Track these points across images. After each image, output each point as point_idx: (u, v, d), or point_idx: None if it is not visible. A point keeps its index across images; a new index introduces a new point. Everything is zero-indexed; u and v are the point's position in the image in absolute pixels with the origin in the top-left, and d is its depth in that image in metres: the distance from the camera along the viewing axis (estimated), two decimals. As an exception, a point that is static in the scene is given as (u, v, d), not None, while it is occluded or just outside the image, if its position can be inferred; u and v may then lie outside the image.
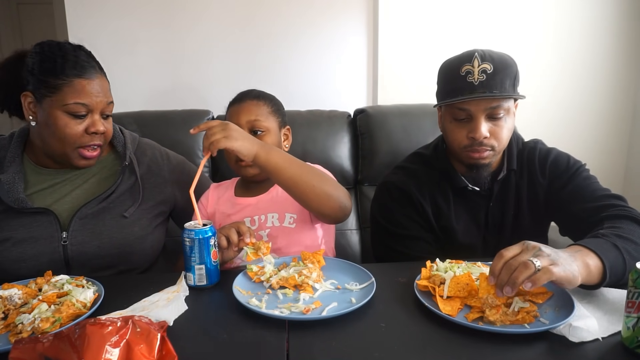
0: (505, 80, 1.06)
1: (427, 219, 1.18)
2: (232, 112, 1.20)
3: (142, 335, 0.65)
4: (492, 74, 1.04)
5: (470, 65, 1.06)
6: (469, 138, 1.08)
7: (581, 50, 2.23)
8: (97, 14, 2.01)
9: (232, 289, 0.89)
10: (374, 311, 0.83)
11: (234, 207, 1.23)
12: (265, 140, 1.16)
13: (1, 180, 1.08)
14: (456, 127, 1.11)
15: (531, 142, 1.23)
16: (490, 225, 1.19)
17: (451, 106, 1.10)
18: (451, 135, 1.12)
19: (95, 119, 1.08)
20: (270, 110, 1.21)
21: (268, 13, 2.09)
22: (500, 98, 1.05)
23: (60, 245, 1.09)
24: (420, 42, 2.14)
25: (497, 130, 1.08)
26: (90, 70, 1.08)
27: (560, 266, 0.74)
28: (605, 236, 0.88)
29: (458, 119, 1.10)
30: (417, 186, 1.19)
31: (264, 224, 1.18)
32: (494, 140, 1.08)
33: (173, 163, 1.29)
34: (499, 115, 1.07)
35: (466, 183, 1.16)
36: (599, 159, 2.26)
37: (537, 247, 0.77)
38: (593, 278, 0.80)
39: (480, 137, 1.06)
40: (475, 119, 1.07)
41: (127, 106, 1.76)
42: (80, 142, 1.07)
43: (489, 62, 1.05)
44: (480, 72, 1.05)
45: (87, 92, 1.06)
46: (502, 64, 1.06)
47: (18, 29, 4.13)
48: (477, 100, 1.05)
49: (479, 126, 1.06)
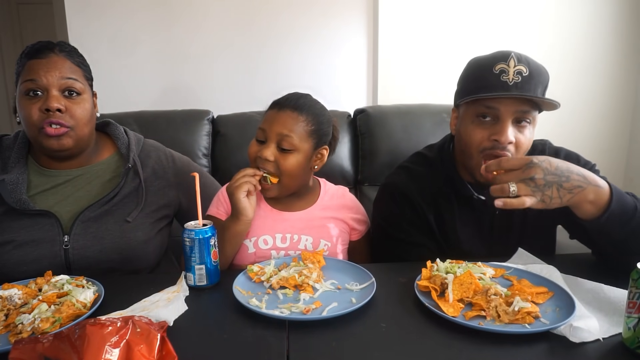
0: (539, 86, 1.01)
1: (428, 224, 1.14)
2: (268, 117, 1.10)
3: (142, 335, 0.65)
4: (527, 78, 0.99)
5: (506, 65, 1.00)
6: (491, 140, 1.01)
7: (581, 50, 2.23)
8: (97, 14, 2.01)
9: (232, 289, 0.89)
10: (374, 311, 0.83)
11: (265, 212, 1.17)
12: (289, 159, 1.06)
13: (5, 180, 1.07)
14: (478, 127, 1.03)
15: (539, 144, 1.18)
16: (496, 233, 1.15)
17: (477, 104, 1.02)
18: (471, 136, 1.04)
19: (49, 96, 1.05)
20: (310, 129, 1.08)
21: (268, 13, 2.10)
22: (531, 104, 1.00)
23: (61, 249, 1.08)
24: (420, 43, 2.14)
25: (521, 138, 1.02)
26: (45, 51, 1.07)
27: (537, 197, 0.84)
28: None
29: (482, 118, 1.02)
30: (419, 190, 1.14)
31: (296, 245, 1.14)
32: (515, 149, 1.02)
33: (178, 165, 1.28)
34: (527, 121, 1.02)
35: (472, 192, 1.11)
36: (599, 158, 2.24)
37: (537, 170, 0.84)
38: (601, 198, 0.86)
39: (506, 142, 0.99)
40: (503, 120, 1.00)
41: (127, 106, 1.76)
42: (39, 122, 1.05)
43: (525, 65, 1.00)
44: (515, 73, 0.99)
45: (36, 70, 1.05)
46: (538, 70, 1.01)
47: (18, 29, 4.12)
48: (509, 101, 0.99)
49: (505, 128, 0.99)
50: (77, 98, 1.09)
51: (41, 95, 1.05)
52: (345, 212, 1.21)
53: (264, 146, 1.07)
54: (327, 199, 1.21)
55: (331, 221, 1.18)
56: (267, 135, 1.07)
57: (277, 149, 1.07)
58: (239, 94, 2.13)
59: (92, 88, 1.16)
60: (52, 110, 1.04)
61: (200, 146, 1.69)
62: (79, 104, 1.09)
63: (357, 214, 1.24)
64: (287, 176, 1.08)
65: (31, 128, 1.06)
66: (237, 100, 1.98)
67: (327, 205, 1.20)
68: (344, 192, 1.26)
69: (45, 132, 1.05)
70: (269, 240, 1.15)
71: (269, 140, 1.07)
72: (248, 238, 1.15)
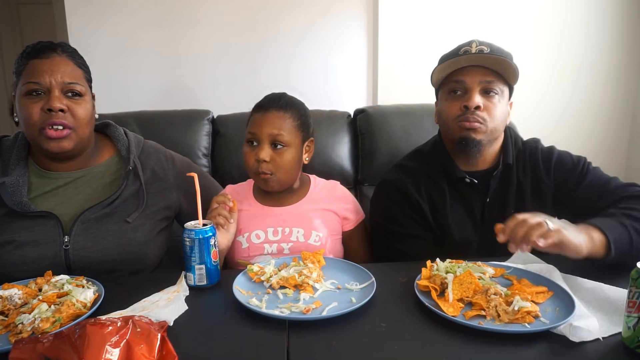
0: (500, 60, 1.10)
1: (424, 216, 1.19)
2: (255, 120, 1.14)
3: (142, 335, 0.65)
4: (489, 52, 1.10)
5: (469, 47, 1.12)
6: (461, 108, 1.12)
7: (581, 49, 2.23)
8: (97, 14, 2.01)
9: (232, 289, 0.89)
10: (374, 311, 0.83)
11: (256, 210, 1.21)
12: (285, 155, 1.13)
13: (5, 183, 1.07)
14: (451, 101, 1.15)
15: (532, 142, 1.24)
16: (487, 222, 1.18)
17: (448, 84, 1.15)
18: (446, 110, 1.16)
19: (51, 96, 1.05)
20: (296, 123, 1.15)
21: (268, 13, 2.09)
22: (494, 74, 1.11)
23: (62, 250, 1.07)
24: (420, 43, 2.14)
25: (490, 105, 1.12)
26: (47, 51, 1.07)
27: (569, 232, 0.84)
28: (613, 215, 0.96)
29: (454, 94, 1.14)
30: (414, 184, 1.20)
31: (288, 237, 1.17)
32: (486, 114, 1.11)
33: (178, 167, 1.28)
34: (494, 91, 1.12)
35: (464, 174, 1.17)
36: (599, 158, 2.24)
37: (547, 216, 0.86)
38: (598, 251, 0.89)
39: (473, 105, 1.10)
40: (470, 89, 1.11)
41: (127, 106, 1.76)
42: (40, 122, 1.04)
43: (487, 46, 1.11)
44: (478, 50, 1.11)
45: (39, 70, 1.05)
46: (499, 49, 1.12)
47: (18, 29, 4.12)
48: (474, 72, 1.11)
49: (473, 95, 1.11)
50: (79, 99, 1.09)
51: (43, 95, 1.05)
52: (335, 203, 1.25)
53: (259, 148, 1.12)
54: (317, 191, 1.26)
55: (321, 212, 1.22)
56: (259, 137, 1.12)
57: (271, 149, 1.12)
58: (239, 94, 2.13)
59: (92, 90, 1.17)
60: (54, 110, 1.04)
61: (200, 146, 1.68)
62: (81, 104, 1.09)
63: (348, 204, 1.27)
64: (284, 172, 1.14)
65: (31, 128, 1.06)
66: (237, 100, 1.98)
67: (317, 198, 1.24)
68: (334, 185, 1.30)
69: (45, 134, 1.05)
70: (261, 235, 1.19)
71: (262, 142, 1.12)
72: (241, 234, 1.19)
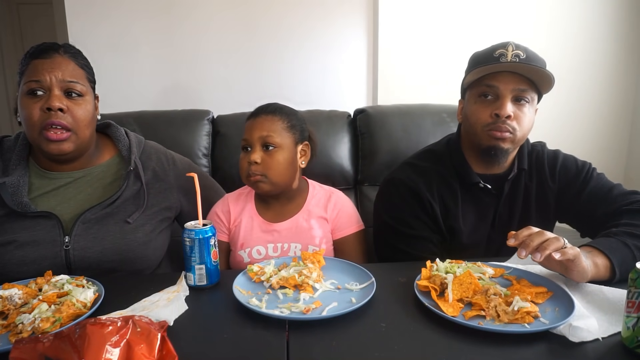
0: None
1: (434, 218, 1.16)
2: (247, 127, 1.20)
3: (142, 335, 0.65)
4: (524, 59, 1.06)
5: (505, 50, 1.07)
6: (492, 116, 1.08)
7: (581, 49, 2.23)
8: (97, 14, 2.01)
9: (232, 289, 0.89)
10: (374, 311, 0.83)
11: (257, 224, 1.24)
12: (277, 157, 1.16)
13: (6, 183, 1.07)
14: (481, 106, 1.11)
15: (538, 145, 1.23)
16: (498, 225, 1.18)
17: (479, 85, 1.11)
18: (475, 115, 1.11)
19: (51, 95, 1.05)
20: (286, 125, 1.19)
21: (268, 14, 2.10)
22: (528, 83, 1.07)
23: (62, 250, 1.07)
24: (420, 43, 2.14)
25: (520, 115, 1.08)
26: (50, 51, 1.07)
27: (581, 254, 0.83)
28: (616, 235, 0.95)
29: (484, 97, 1.10)
30: (425, 184, 1.16)
31: (286, 252, 1.22)
32: (516, 123, 1.08)
33: (179, 168, 1.28)
34: (525, 99, 1.09)
35: (478, 179, 1.15)
36: (599, 158, 2.25)
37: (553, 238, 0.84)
38: (602, 276, 0.88)
39: (505, 114, 1.06)
40: (502, 97, 1.07)
41: (127, 106, 1.76)
42: (40, 123, 1.04)
43: (523, 51, 1.07)
44: (513, 55, 1.06)
45: (40, 69, 1.05)
46: (535, 55, 1.08)
47: (18, 29, 4.12)
48: (508, 79, 1.07)
49: (505, 103, 1.07)
50: (79, 99, 1.09)
51: (43, 95, 1.05)
52: (328, 212, 1.26)
53: (251, 152, 1.17)
54: (314, 203, 1.27)
55: (315, 225, 1.24)
56: (251, 142, 1.18)
57: (262, 151, 1.16)
58: (239, 94, 2.14)
59: (95, 91, 1.16)
60: (53, 109, 1.04)
61: (200, 146, 1.68)
62: (81, 105, 1.09)
63: (342, 214, 1.26)
64: (275, 173, 1.16)
65: (32, 129, 1.06)
66: (237, 100, 1.98)
67: (312, 210, 1.26)
68: (330, 194, 1.30)
69: (46, 135, 1.05)
70: (262, 250, 1.23)
71: (253, 146, 1.17)
72: (243, 249, 1.24)
